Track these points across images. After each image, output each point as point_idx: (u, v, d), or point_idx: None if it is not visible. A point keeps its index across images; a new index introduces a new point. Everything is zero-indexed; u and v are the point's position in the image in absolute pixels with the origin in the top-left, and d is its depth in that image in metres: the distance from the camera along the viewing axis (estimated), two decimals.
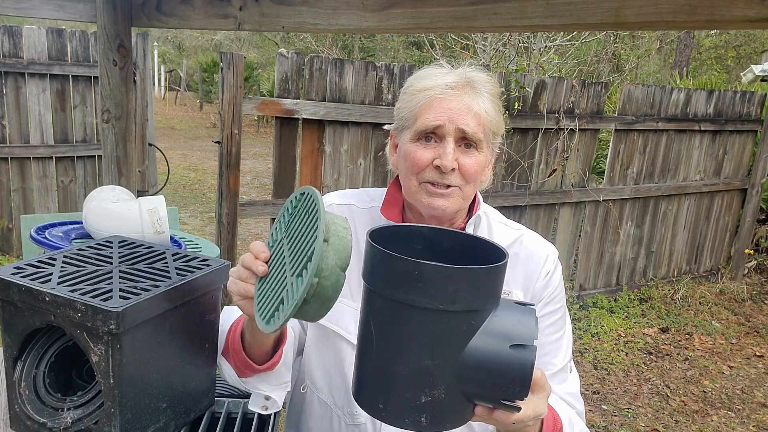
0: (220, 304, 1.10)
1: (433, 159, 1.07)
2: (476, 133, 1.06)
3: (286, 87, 3.49)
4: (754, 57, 13.82)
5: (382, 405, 0.80)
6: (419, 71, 1.14)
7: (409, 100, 1.11)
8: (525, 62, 7.39)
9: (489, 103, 1.08)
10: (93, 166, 5.04)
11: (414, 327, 0.76)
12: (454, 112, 1.05)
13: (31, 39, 4.61)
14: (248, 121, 14.92)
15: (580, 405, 1.13)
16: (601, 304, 4.91)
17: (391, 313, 0.77)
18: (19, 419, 0.94)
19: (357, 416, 1.16)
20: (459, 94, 1.06)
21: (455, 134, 1.06)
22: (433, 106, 1.07)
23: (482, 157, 1.09)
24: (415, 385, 0.77)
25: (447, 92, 1.07)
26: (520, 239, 1.18)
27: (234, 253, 3.55)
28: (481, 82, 1.09)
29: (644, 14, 1.36)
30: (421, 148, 1.08)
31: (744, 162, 5.73)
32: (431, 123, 1.06)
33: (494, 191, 4.35)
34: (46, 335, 0.97)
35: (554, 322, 1.15)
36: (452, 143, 1.06)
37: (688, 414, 3.52)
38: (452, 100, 1.06)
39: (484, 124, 1.07)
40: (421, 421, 0.78)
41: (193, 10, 2.05)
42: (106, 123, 2.24)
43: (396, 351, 0.77)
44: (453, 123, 1.05)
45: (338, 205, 1.22)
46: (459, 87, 1.07)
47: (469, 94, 1.07)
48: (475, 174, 1.09)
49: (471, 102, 1.06)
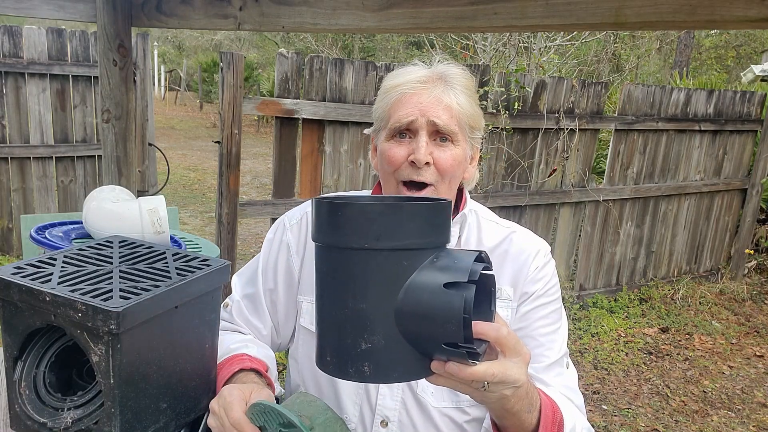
0: (220, 304, 1.10)
1: (408, 155, 1.06)
2: (449, 125, 1.05)
3: (286, 87, 3.49)
4: (754, 57, 13.83)
5: (329, 357, 0.78)
6: (393, 71, 1.13)
7: (382, 99, 1.11)
8: (525, 62, 7.39)
9: (462, 96, 1.07)
10: (93, 166, 5.04)
11: (345, 269, 0.75)
12: (424, 105, 1.05)
13: (31, 39, 4.61)
14: (248, 121, 14.93)
15: (579, 399, 1.12)
16: (601, 304, 4.91)
17: (326, 260, 0.78)
18: (19, 419, 0.94)
19: (348, 422, 1.16)
20: (429, 87, 1.06)
21: (428, 128, 1.05)
22: (404, 102, 1.06)
23: (458, 150, 1.08)
24: (353, 331, 0.75)
25: (417, 86, 1.06)
26: (510, 237, 1.17)
27: (234, 253, 3.55)
28: (453, 76, 1.08)
29: (644, 14, 1.36)
30: (396, 146, 1.08)
31: (744, 162, 5.73)
32: (403, 119, 1.05)
33: (494, 191, 4.35)
34: (47, 335, 0.97)
35: (547, 315, 1.14)
36: (425, 137, 1.05)
37: (688, 414, 3.52)
38: (422, 93, 1.05)
39: (457, 116, 1.06)
40: (364, 371, 0.75)
41: (193, 10, 2.05)
42: (106, 123, 2.24)
43: (331, 297, 0.77)
44: (424, 116, 1.04)
45: None
46: (430, 81, 1.07)
47: (440, 87, 1.06)
48: (451, 169, 1.07)
49: (441, 94, 1.05)
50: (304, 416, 0.89)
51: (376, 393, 1.14)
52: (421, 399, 1.13)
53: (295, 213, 1.24)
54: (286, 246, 1.20)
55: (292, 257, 1.20)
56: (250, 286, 1.24)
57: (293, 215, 1.23)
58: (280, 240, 1.22)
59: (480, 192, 4.26)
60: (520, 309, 1.13)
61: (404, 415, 1.13)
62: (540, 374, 1.09)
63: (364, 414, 1.15)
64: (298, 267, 1.19)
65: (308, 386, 1.20)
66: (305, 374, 1.21)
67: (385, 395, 1.13)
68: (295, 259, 1.19)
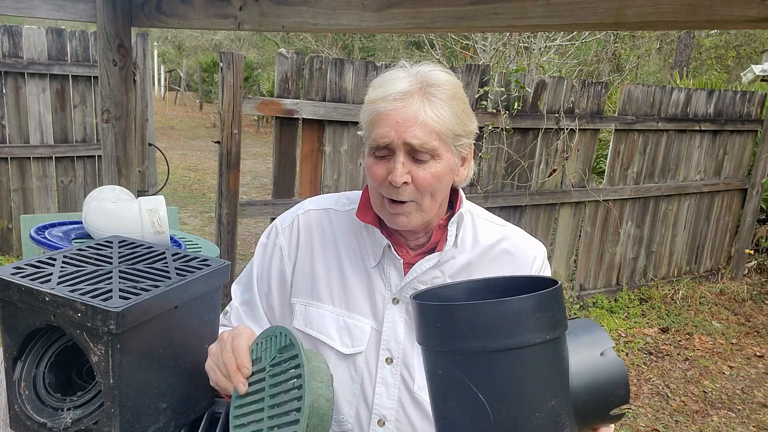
0: (220, 304, 1.10)
1: (387, 174, 1.04)
2: (426, 143, 1.01)
3: (286, 87, 3.49)
4: (754, 57, 13.83)
5: None
6: (378, 77, 1.10)
7: (365, 111, 1.08)
8: (525, 62, 7.39)
9: (443, 107, 1.02)
10: (93, 166, 5.04)
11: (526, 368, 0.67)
12: (400, 125, 1.01)
13: (31, 39, 4.61)
14: (248, 121, 14.93)
15: None
16: (601, 304, 4.91)
17: (493, 366, 0.67)
18: (19, 419, 0.94)
19: (344, 423, 1.16)
20: (405, 105, 1.01)
21: (404, 148, 1.02)
22: (381, 120, 1.03)
23: (440, 165, 1.04)
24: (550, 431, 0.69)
25: (394, 104, 1.02)
26: (506, 236, 1.17)
27: (234, 253, 3.55)
28: (435, 86, 1.04)
29: (644, 14, 1.36)
30: (376, 164, 1.06)
31: (744, 162, 5.73)
32: (380, 140, 1.03)
33: (494, 191, 4.35)
34: (46, 335, 0.97)
35: None
36: (401, 157, 1.02)
37: (688, 414, 3.52)
38: (399, 111, 1.01)
39: (436, 131, 1.02)
40: None
41: (193, 10, 2.05)
42: (106, 123, 2.24)
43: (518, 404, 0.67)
44: (401, 137, 1.01)
45: (315, 210, 1.21)
46: (408, 96, 1.02)
47: (417, 103, 1.01)
48: (430, 186, 1.04)
49: (418, 111, 1.01)
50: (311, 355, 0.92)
51: (372, 392, 1.14)
52: (418, 397, 1.13)
53: (287, 216, 1.23)
54: (279, 250, 1.20)
55: (284, 261, 1.20)
56: (247, 292, 1.24)
57: (285, 219, 1.23)
58: (273, 244, 1.22)
59: (480, 192, 4.26)
60: None
61: (401, 414, 1.13)
62: None
63: (360, 414, 1.15)
64: (290, 271, 1.19)
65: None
66: None
67: (381, 394, 1.14)
68: (287, 263, 1.19)
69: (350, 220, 1.18)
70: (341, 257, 1.17)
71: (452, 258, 1.13)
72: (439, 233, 1.13)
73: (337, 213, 1.20)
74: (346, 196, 1.23)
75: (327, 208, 1.21)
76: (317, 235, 1.19)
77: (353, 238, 1.17)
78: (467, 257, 1.14)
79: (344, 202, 1.21)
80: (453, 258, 1.14)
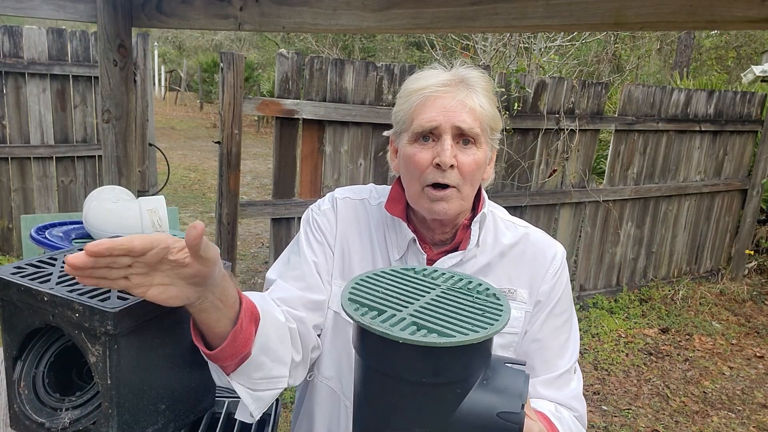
0: None
1: (433, 158, 1.06)
2: (473, 128, 1.06)
3: (286, 87, 3.49)
4: (754, 57, 13.82)
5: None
6: (413, 74, 1.14)
7: (404, 102, 1.11)
8: (525, 62, 7.38)
9: (484, 98, 1.08)
10: (93, 166, 5.04)
11: (399, 397, 0.76)
12: (449, 109, 1.05)
13: (31, 39, 4.61)
14: (248, 121, 14.93)
15: (582, 408, 1.13)
16: (601, 305, 4.91)
17: (378, 382, 0.78)
18: (19, 419, 0.94)
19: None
20: (452, 91, 1.07)
21: (452, 132, 1.06)
22: (428, 105, 1.07)
23: (480, 153, 1.08)
24: None
25: (441, 90, 1.07)
26: (526, 236, 1.17)
27: (234, 253, 3.55)
28: (474, 79, 1.10)
29: (645, 14, 1.36)
30: (420, 150, 1.08)
31: (744, 162, 5.73)
32: (427, 124, 1.06)
33: (495, 191, 4.35)
34: (46, 335, 0.96)
35: (561, 325, 1.15)
36: (450, 140, 1.05)
37: (688, 414, 3.52)
38: (446, 97, 1.06)
39: (480, 118, 1.07)
40: None
41: (194, 10, 2.05)
42: (106, 123, 2.24)
43: (383, 419, 0.78)
44: (449, 121, 1.05)
45: (351, 200, 1.22)
46: (453, 84, 1.08)
47: (463, 91, 1.07)
48: (473, 172, 1.08)
49: (465, 98, 1.06)
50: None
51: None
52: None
53: (325, 200, 1.23)
54: (323, 225, 1.20)
55: (327, 237, 1.19)
56: (294, 256, 1.20)
57: (324, 202, 1.23)
58: (315, 221, 1.21)
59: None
60: (535, 316, 1.14)
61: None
62: (550, 384, 1.11)
63: None
64: (332, 244, 1.19)
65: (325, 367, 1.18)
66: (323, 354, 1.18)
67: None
68: (330, 238, 1.19)
69: (380, 214, 1.19)
70: (374, 246, 1.18)
71: (474, 257, 1.14)
72: (462, 232, 1.15)
73: (371, 205, 1.21)
74: (375, 190, 1.24)
75: (363, 198, 1.22)
76: (353, 223, 1.20)
77: (381, 230, 1.18)
78: (488, 257, 1.15)
79: (375, 196, 1.23)
80: (474, 257, 1.14)
